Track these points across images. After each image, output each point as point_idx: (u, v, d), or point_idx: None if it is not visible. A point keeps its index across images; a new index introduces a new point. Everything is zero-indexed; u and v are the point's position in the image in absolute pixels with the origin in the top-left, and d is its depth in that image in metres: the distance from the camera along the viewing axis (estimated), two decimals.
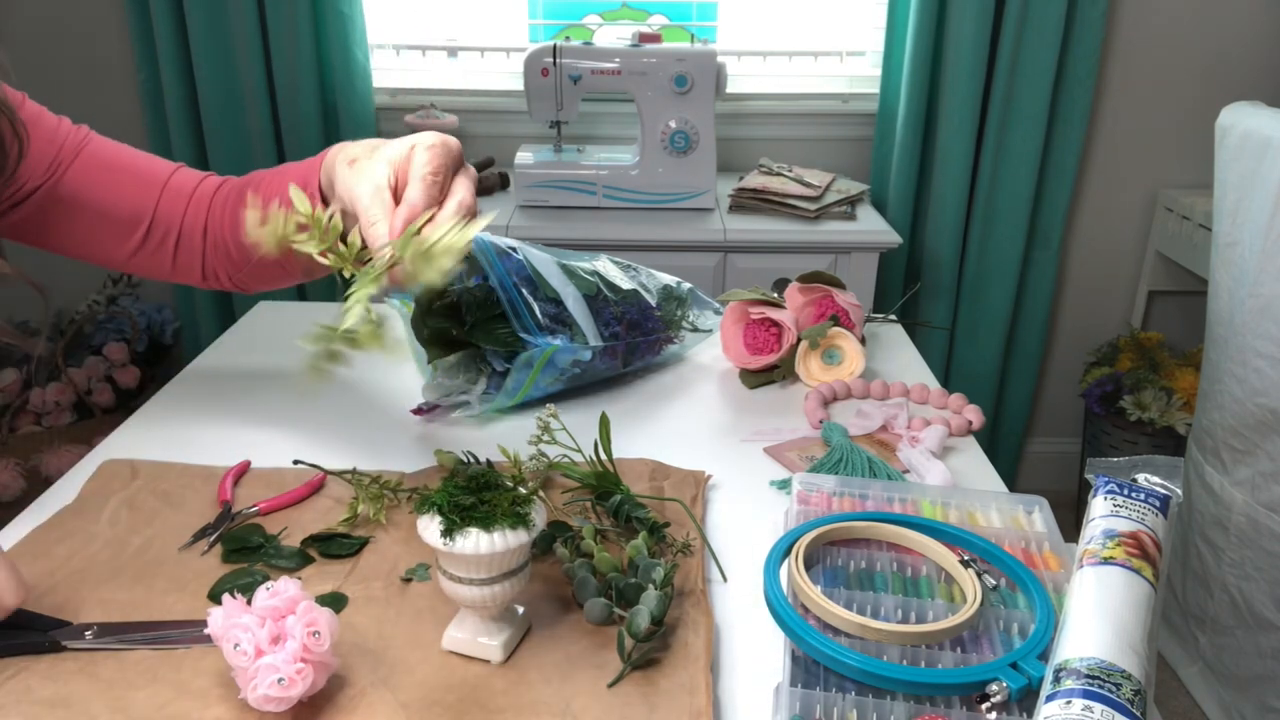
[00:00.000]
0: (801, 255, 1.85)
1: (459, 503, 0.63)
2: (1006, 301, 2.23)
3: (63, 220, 0.85)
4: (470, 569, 0.63)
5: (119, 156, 0.89)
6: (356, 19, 2.06)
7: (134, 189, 0.87)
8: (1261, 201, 1.47)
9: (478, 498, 0.64)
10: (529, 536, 0.64)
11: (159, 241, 0.88)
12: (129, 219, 0.87)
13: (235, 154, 2.14)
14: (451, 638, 0.67)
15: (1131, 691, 0.54)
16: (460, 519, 0.62)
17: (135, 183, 0.88)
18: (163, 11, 2.01)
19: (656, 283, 1.14)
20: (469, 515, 0.62)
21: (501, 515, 0.63)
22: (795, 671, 0.63)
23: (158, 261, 0.89)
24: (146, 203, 0.87)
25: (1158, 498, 0.68)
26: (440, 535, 0.62)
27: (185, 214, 0.88)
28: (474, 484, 0.65)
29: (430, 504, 0.63)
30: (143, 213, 0.87)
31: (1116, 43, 2.12)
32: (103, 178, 0.86)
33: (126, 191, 0.87)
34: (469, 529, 0.62)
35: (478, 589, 0.64)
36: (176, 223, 0.88)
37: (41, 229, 0.86)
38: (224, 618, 0.61)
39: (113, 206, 0.86)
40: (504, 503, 0.64)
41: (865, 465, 0.93)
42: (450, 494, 0.64)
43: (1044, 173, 2.15)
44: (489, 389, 1.02)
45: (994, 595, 0.70)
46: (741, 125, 2.22)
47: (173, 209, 0.88)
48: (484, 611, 0.66)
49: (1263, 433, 1.53)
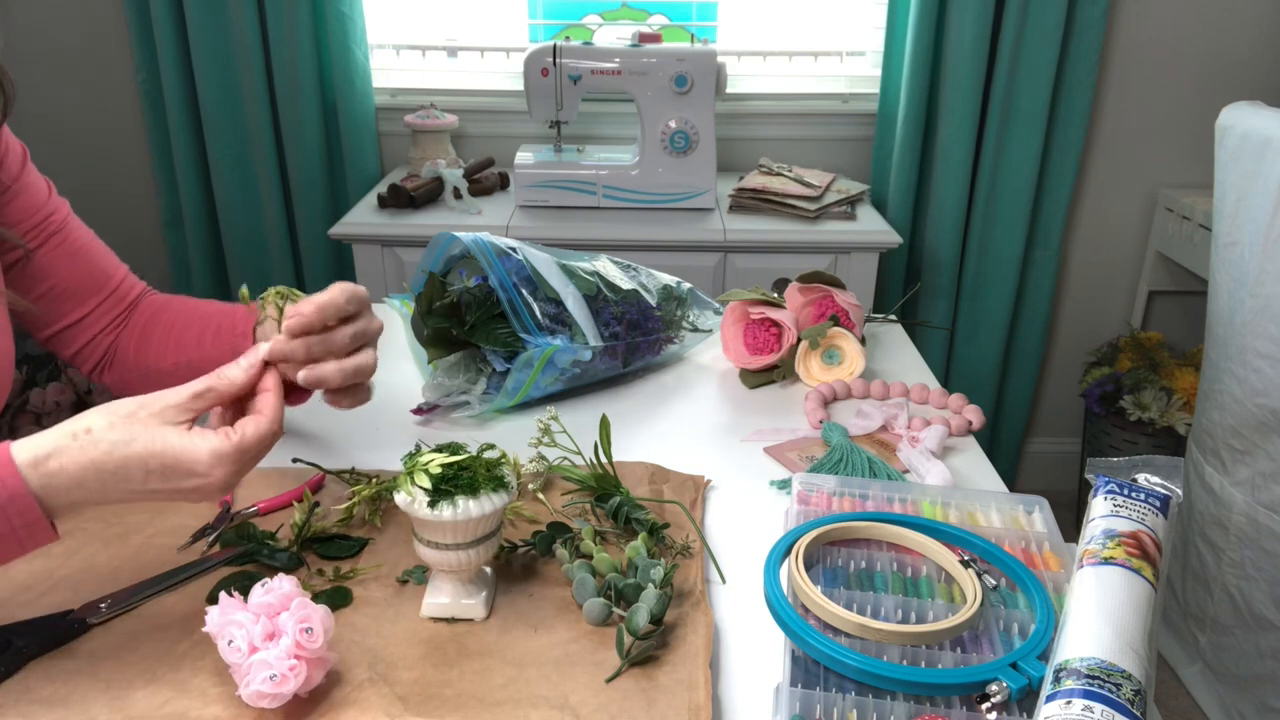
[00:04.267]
0: (801, 255, 1.85)
1: (441, 474, 0.67)
2: (1006, 301, 2.23)
3: (15, 280, 0.89)
4: (454, 535, 0.67)
5: (87, 248, 0.94)
6: (356, 19, 2.06)
7: (87, 284, 0.93)
8: (1261, 201, 1.47)
9: (456, 468, 0.67)
10: (509, 498, 0.68)
11: (76, 334, 0.93)
12: (70, 307, 0.92)
13: (235, 154, 2.14)
14: (432, 604, 0.70)
15: (1131, 691, 0.54)
16: (445, 489, 0.66)
17: (90, 279, 0.93)
18: (163, 11, 2.01)
19: (656, 283, 1.14)
20: (453, 485, 0.66)
21: (484, 481, 0.67)
22: (795, 671, 0.63)
23: (65, 346, 0.94)
24: (90, 301, 0.93)
25: (1158, 498, 0.68)
26: (428, 506, 0.65)
27: (108, 325, 0.93)
28: (445, 466, 0.68)
29: (415, 478, 0.66)
30: (82, 307, 0.93)
31: (1116, 43, 2.12)
32: (68, 264, 0.92)
33: (79, 285, 0.92)
34: (456, 497, 0.66)
35: (460, 553, 0.68)
36: (97, 328, 0.93)
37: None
38: (219, 615, 0.61)
39: (62, 291, 0.91)
40: (482, 470, 0.68)
41: (865, 465, 0.93)
42: (429, 467, 0.67)
43: (1044, 173, 2.15)
44: (489, 389, 1.01)
45: (994, 595, 0.70)
46: (741, 125, 2.22)
47: (103, 315, 0.93)
48: (463, 574, 0.70)
49: (1263, 433, 1.53)
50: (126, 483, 0.62)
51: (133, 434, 0.62)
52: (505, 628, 0.70)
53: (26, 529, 0.62)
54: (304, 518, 0.79)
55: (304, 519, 0.79)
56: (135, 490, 0.63)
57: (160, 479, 0.63)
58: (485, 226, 1.84)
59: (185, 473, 0.63)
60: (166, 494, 0.64)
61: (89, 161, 2.25)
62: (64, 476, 0.61)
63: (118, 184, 2.28)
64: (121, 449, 0.62)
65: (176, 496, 0.64)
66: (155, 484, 0.63)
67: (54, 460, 0.61)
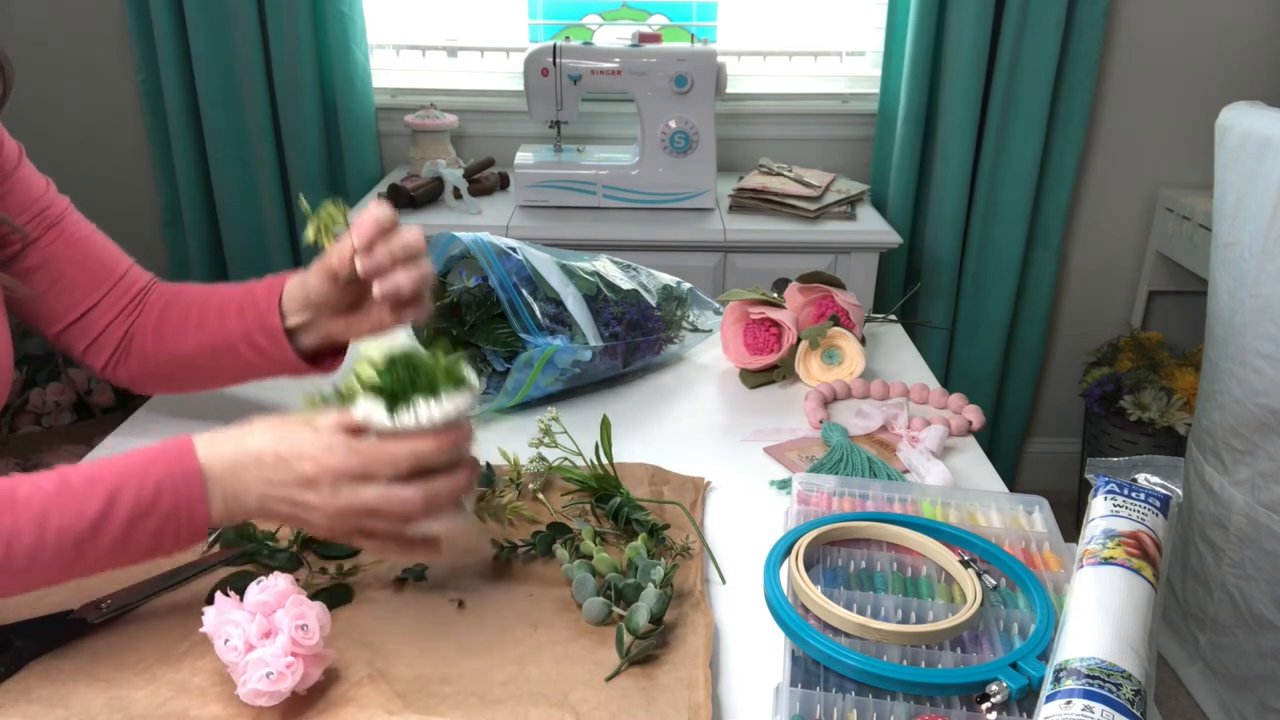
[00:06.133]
0: (801, 255, 1.85)
1: (395, 379, 0.62)
2: (1006, 301, 2.23)
3: (18, 275, 0.88)
4: None
5: (87, 240, 0.93)
6: (356, 19, 2.06)
7: (90, 276, 0.91)
8: (1261, 201, 1.47)
9: (408, 372, 0.63)
10: (473, 397, 0.64)
11: (85, 329, 0.92)
12: (74, 301, 0.91)
13: (235, 154, 2.14)
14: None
15: (1131, 691, 0.54)
16: (402, 393, 0.62)
17: (93, 271, 0.92)
18: (163, 11, 2.01)
19: (656, 283, 1.14)
20: (410, 389, 0.62)
21: (443, 379, 0.63)
22: (795, 671, 0.63)
23: (74, 344, 0.93)
24: (94, 293, 0.91)
25: (1158, 498, 0.68)
26: (387, 414, 0.61)
27: (117, 316, 0.92)
28: (393, 363, 0.64)
29: (363, 387, 0.63)
30: (87, 300, 0.91)
31: (1116, 42, 2.12)
32: (68, 257, 0.90)
33: (82, 277, 0.91)
34: (417, 400, 0.61)
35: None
36: (106, 321, 0.92)
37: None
38: (216, 614, 0.61)
39: (65, 285, 0.90)
40: (438, 370, 0.63)
41: (865, 465, 0.93)
42: (378, 376, 0.63)
43: (1044, 173, 2.15)
44: (489, 389, 1.01)
45: (994, 595, 0.70)
46: (741, 125, 2.22)
47: (110, 307, 0.92)
48: None
49: (1263, 433, 1.53)
50: (260, 468, 0.64)
51: (277, 425, 0.66)
52: (505, 626, 0.70)
53: (189, 517, 0.63)
54: None
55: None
56: (270, 481, 0.64)
57: (284, 467, 0.63)
58: (485, 226, 1.84)
59: (301, 454, 0.63)
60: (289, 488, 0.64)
61: (89, 161, 2.24)
62: (225, 458, 0.64)
63: (118, 184, 2.28)
64: (266, 435, 0.65)
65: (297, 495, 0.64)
66: (282, 473, 0.63)
67: (219, 445, 0.65)
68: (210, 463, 0.64)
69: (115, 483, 0.62)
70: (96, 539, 0.62)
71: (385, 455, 0.63)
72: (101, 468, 0.64)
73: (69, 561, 0.62)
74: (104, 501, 0.61)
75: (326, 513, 0.64)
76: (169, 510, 0.62)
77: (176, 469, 0.63)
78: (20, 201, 0.88)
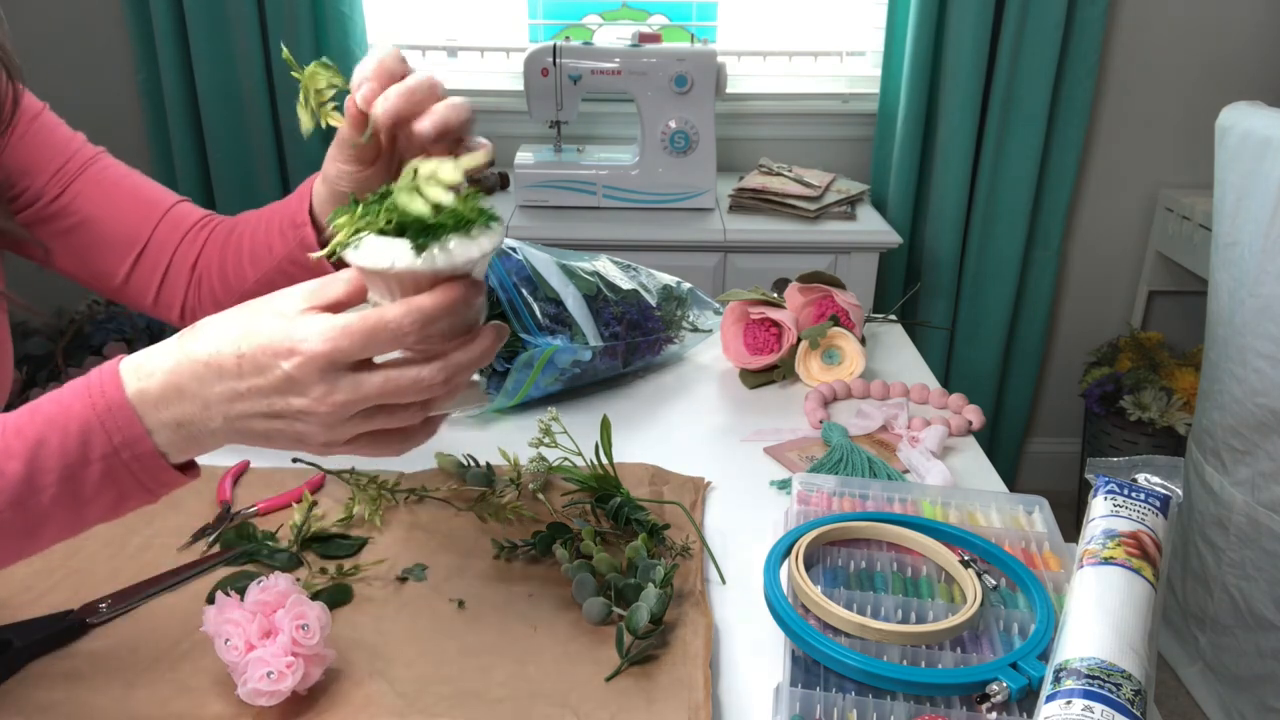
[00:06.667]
0: (801, 255, 1.85)
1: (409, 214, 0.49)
2: (1006, 301, 2.23)
3: (61, 234, 0.83)
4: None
5: (126, 179, 0.86)
6: (356, 19, 2.06)
7: (133, 212, 0.85)
8: (1261, 201, 1.47)
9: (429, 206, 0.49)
10: (503, 234, 0.52)
11: (148, 270, 0.84)
12: (124, 241, 0.84)
13: (235, 154, 2.14)
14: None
15: (1131, 691, 0.54)
16: (427, 227, 0.49)
17: (136, 206, 0.85)
18: (163, 11, 2.01)
19: (656, 283, 1.14)
20: (437, 225, 0.49)
21: (473, 214, 0.50)
22: (795, 671, 0.63)
23: (143, 291, 0.86)
24: (143, 227, 0.84)
25: (1158, 498, 0.68)
26: (413, 253, 0.48)
27: (178, 247, 0.85)
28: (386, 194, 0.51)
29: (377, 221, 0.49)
30: (138, 237, 0.84)
31: (1116, 43, 2.12)
32: (106, 197, 0.84)
33: (125, 213, 0.84)
34: (448, 238, 0.49)
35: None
36: (168, 254, 0.84)
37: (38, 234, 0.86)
38: (216, 615, 0.61)
39: (110, 226, 0.84)
40: (461, 205, 0.50)
41: (865, 465, 0.93)
42: (437, 176, 0.49)
43: (1044, 173, 2.15)
44: (489, 389, 1.01)
45: (994, 595, 0.70)
46: (741, 125, 2.22)
47: (166, 239, 0.84)
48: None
49: (1263, 433, 1.53)
50: (221, 380, 0.50)
51: (230, 317, 0.52)
52: (505, 626, 0.70)
53: (134, 456, 0.52)
54: (303, 518, 0.79)
55: (303, 519, 0.79)
56: (237, 392, 0.51)
57: (254, 370, 0.50)
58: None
59: (274, 349, 0.49)
60: (267, 395, 0.50)
61: None
62: (159, 376, 0.51)
63: None
64: (217, 334, 0.51)
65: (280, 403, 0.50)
66: (252, 379, 0.50)
67: (152, 360, 0.52)
68: (142, 386, 0.51)
69: (38, 433, 0.51)
70: (37, 498, 0.51)
71: (392, 322, 0.49)
72: (29, 415, 0.53)
73: (21, 531, 0.53)
74: (28, 457, 0.51)
75: (322, 418, 0.50)
76: (105, 454, 0.51)
77: (99, 403, 0.51)
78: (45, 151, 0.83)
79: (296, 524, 0.79)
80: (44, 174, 0.83)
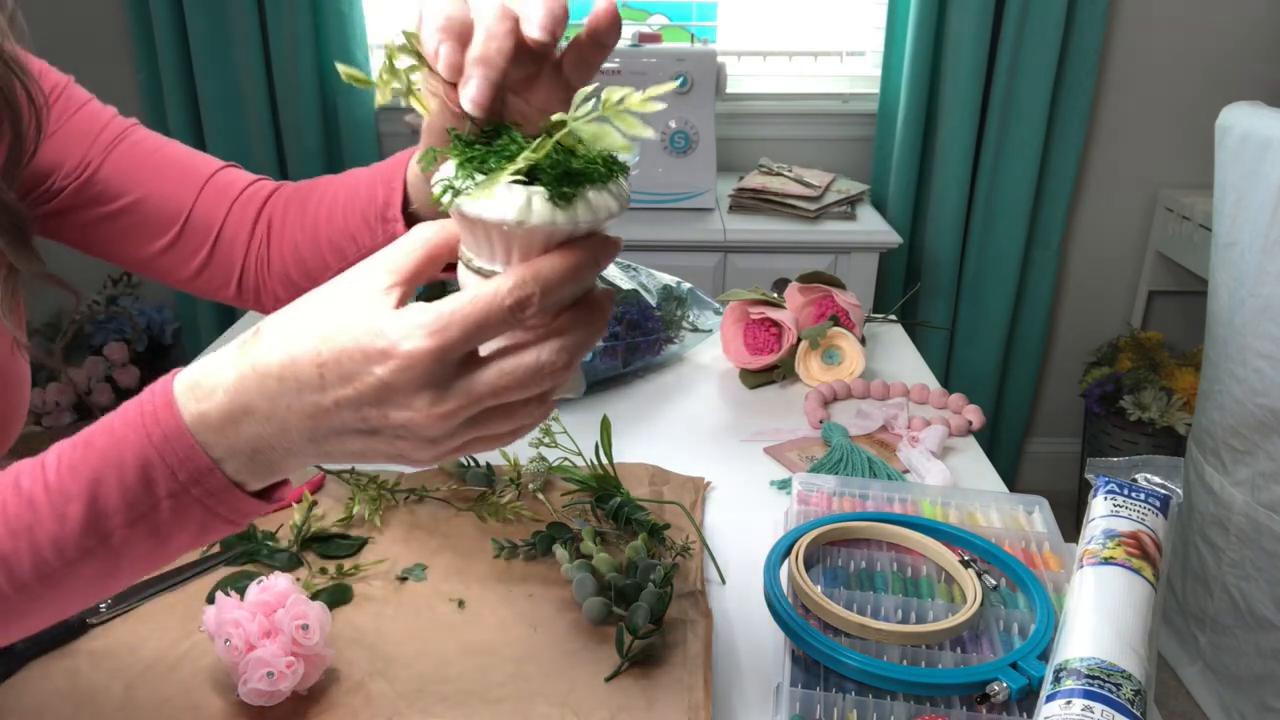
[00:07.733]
0: (801, 255, 1.85)
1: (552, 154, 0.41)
2: (1006, 301, 2.23)
3: (92, 212, 0.77)
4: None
5: (161, 149, 0.78)
6: (356, 19, 2.06)
7: (170, 182, 0.76)
8: (1261, 201, 1.47)
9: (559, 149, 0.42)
10: (629, 187, 0.44)
11: (192, 244, 0.76)
12: (161, 215, 0.76)
13: (235, 154, 2.14)
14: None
15: (1131, 691, 0.54)
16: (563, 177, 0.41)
17: (173, 175, 0.76)
18: (163, 11, 2.01)
19: (656, 283, 1.14)
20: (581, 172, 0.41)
21: (604, 165, 0.43)
22: (795, 671, 0.63)
23: (182, 265, 0.77)
24: (183, 198, 0.75)
25: (1158, 498, 0.68)
26: (551, 205, 0.40)
27: (228, 216, 0.76)
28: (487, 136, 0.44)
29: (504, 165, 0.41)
30: (177, 209, 0.75)
31: (1116, 43, 2.12)
32: (140, 168, 0.77)
33: (162, 184, 0.76)
34: (586, 190, 0.41)
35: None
36: (215, 225, 0.76)
37: (72, 223, 0.79)
38: (216, 614, 0.61)
39: (145, 199, 0.76)
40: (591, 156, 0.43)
41: (865, 465, 0.93)
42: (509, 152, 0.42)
43: (1044, 173, 2.15)
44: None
45: (994, 595, 0.70)
46: (741, 125, 2.22)
47: (212, 209, 0.76)
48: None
49: (1263, 433, 1.53)
50: (299, 394, 0.41)
51: (298, 313, 0.43)
52: (505, 626, 0.70)
53: (205, 491, 0.44)
54: (303, 518, 0.79)
55: (303, 519, 0.79)
56: (320, 407, 0.42)
57: (340, 379, 0.41)
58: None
59: (364, 352, 0.40)
60: (358, 408, 0.41)
61: None
62: (220, 395, 0.43)
63: None
64: (289, 338, 0.42)
65: (377, 417, 0.41)
66: (338, 390, 0.41)
67: (211, 376, 0.43)
68: (203, 409, 0.43)
69: (93, 471, 0.44)
70: (107, 543, 0.44)
71: (509, 297, 0.40)
72: (82, 448, 0.45)
73: (99, 573, 0.46)
74: (87, 499, 0.43)
75: (428, 432, 0.42)
76: (172, 491, 0.43)
77: (155, 433, 0.43)
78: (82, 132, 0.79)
79: (296, 524, 0.79)
80: (77, 149, 0.78)
